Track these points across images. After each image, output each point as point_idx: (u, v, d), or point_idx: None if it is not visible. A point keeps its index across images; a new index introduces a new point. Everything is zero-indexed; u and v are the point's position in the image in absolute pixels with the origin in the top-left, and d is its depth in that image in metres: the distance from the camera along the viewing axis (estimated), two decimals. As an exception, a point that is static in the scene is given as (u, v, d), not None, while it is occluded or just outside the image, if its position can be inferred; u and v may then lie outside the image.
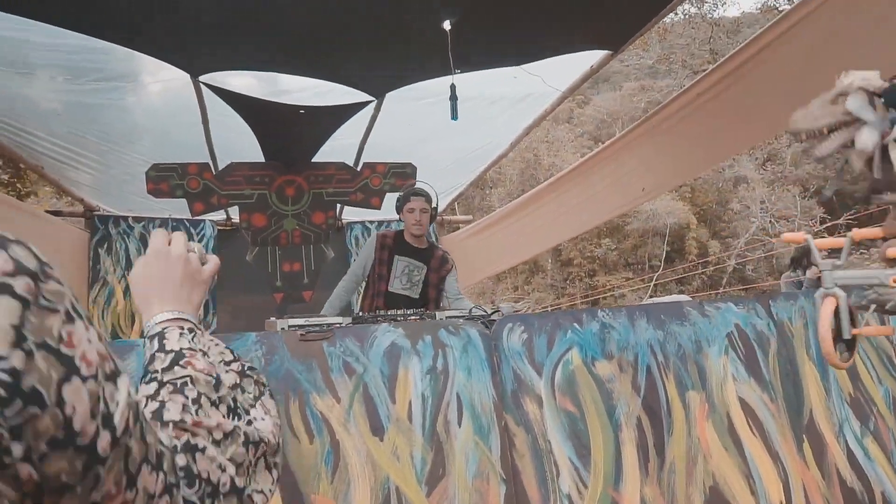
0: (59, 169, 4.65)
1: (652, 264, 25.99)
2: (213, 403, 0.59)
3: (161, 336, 0.64)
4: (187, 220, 5.73)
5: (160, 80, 3.96)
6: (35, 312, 0.35)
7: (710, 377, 1.39)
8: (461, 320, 1.23)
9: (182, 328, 0.66)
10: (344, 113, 4.33)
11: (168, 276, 0.71)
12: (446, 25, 3.25)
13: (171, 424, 0.54)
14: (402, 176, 5.24)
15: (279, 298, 5.16)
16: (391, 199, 5.34)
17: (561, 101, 4.57)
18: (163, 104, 4.31)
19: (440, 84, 3.68)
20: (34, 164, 4.53)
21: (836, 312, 0.84)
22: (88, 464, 0.38)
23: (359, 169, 5.17)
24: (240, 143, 4.60)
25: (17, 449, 0.34)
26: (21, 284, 0.35)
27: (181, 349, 0.62)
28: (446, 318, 1.48)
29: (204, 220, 5.81)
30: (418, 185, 3.63)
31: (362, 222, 6.58)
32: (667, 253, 25.74)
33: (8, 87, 3.74)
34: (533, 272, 28.88)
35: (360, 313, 2.59)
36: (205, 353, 0.64)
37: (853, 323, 0.86)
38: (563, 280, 27.19)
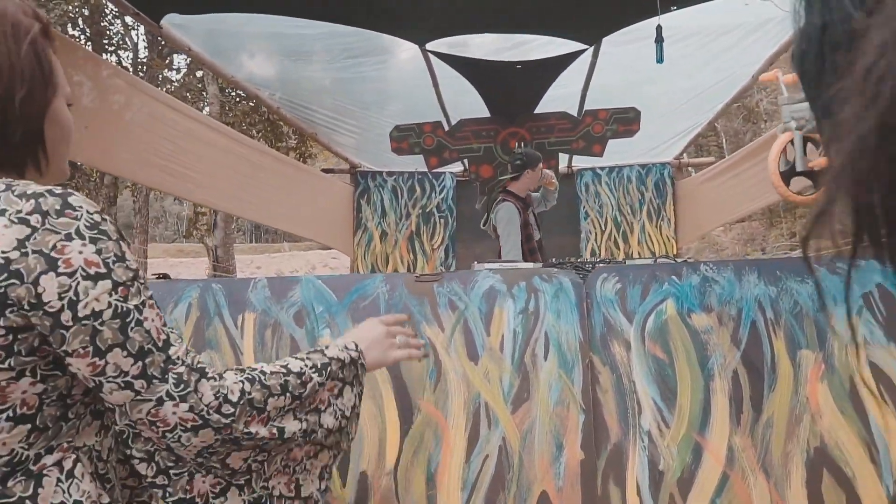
0: (328, 134, 5.62)
1: None
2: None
3: (330, 353, 0.98)
4: (430, 172, 6.41)
5: (399, 53, 4.52)
6: (40, 233, 0.69)
7: (831, 337, 1.33)
8: (555, 269, 1.40)
9: (343, 361, 0.98)
10: (560, 64, 4.43)
11: (368, 335, 1.07)
12: None
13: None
14: (624, 121, 5.17)
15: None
16: (613, 144, 5.33)
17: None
18: (402, 73, 4.90)
19: (660, 21, 3.55)
20: (311, 133, 5.55)
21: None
22: (54, 325, 0.70)
23: (580, 117, 5.23)
24: (467, 101, 5.01)
25: (7, 300, 0.68)
26: (34, 218, 0.70)
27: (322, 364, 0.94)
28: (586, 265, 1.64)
29: (445, 173, 6.43)
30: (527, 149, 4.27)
31: (592, 169, 6.58)
32: None
33: (288, 70, 4.67)
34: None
35: (553, 260, 2.98)
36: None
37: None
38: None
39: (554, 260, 2.77)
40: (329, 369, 0.93)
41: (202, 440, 0.76)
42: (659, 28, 3.46)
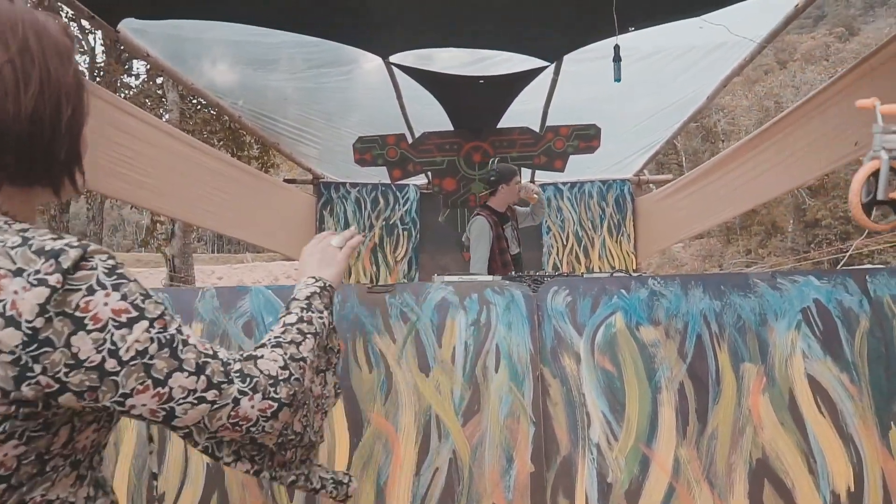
0: (291, 144, 5.58)
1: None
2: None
3: (301, 295, 1.03)
4: (394, 185, 6.43)
5: (362, 64, 4.52)
6: (60, 293, 0.68)
7: (772, 351, 1.37)
8: (507, 282, 1.41)
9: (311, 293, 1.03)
10: (522, 80, 4.49)
11: (314, 256, 1.15)
12: None
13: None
14: (585, 138, 5.27)
15: (467, 257, 5.60)
16: (575, 161, 5.42)
17: (762, 49, 4.14)
18: (366, 84, 4.90)
19: (620, 41, 3.62)
20: (273, 142, 5.49)
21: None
22: (100, 376, 0.69)
23: (542, 132, 5.30)
24: (431, 114, 5.03)
25: (37, 368, 0.66)
26: (54, 279, 0.68)
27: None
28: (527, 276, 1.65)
29: (408, 185, 6.46)
30: (503, 163, 4.24)
31: (555, 184, 6.69)
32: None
33: (251, 79, 4.62)
34: (770, 233, 25.92)
35: (514, 273, 3.00)
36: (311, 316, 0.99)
37: None
38: (806, 243, 23.99)
39: (513, 273, 2.79)
40: (313, 304, 1.00)
41: (282, 421, 0.80)
42: (616, 48, 3.54)
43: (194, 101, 8.16)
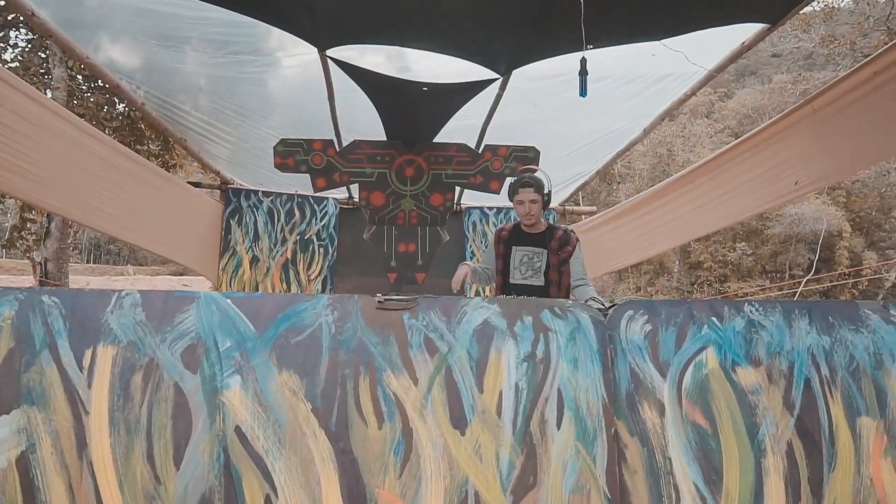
0: (200, 142, 4.94)
1: (793, 273, 23.83)
2: None
3: None
4: (312, 196, 5.94)
5: (293, 54, 4.07)
6: None
7: (892, 402, 1.07)
8: (570, 302, 1.02)
9: None
10: (468, 91, 4.21)
11: None
12: None
13: None
14: (523, 160, 5.07)
15: (393, 279, 5.18)
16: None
17: (704, 84, 4.15)
18: (294, 79, 4.45)
19: (570, 62, 3.44)
20: (179, 138, 4.83)
21: None
22: None
23: (480, 151, 5.06)
24: (363, 121, 4.66)
25: None
26: None
27: None
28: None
29: (327, 198, 6.00)
30: (528, 173, 3.39)
31: (480, 207, 6.51)
32: (812, 262, 23.43)
33: (159, 60, 3.99)
34: (658, 273, 27.40)
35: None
36: None
37: None
38: (689, 284, 25.54)
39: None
40: None
41: None
42: (584, 60, 3.35)
43: (85, 82, 7.08)
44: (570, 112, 4.86)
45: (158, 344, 0.92)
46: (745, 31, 3.45)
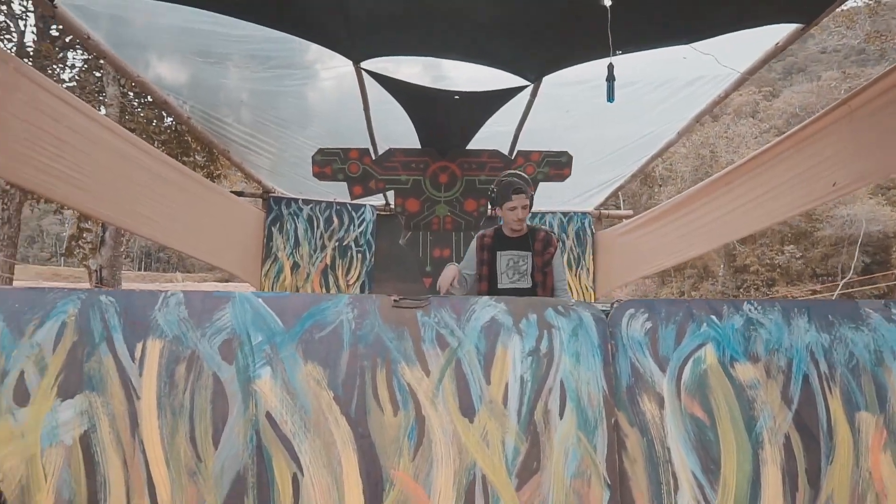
0: (243, 153, 5.15)
1: (845, 276, 23.00)
2: None
3: None
4: (350, 203, 6.08)
5: (330, 67, 4.20)
6: None
7: (892, 398, 1.11)
8: (573, 301, 1.10)
9: None
10: (499, 98, 4.28)
11: None
12: (607, 1, 3.04)
13: None
14: (556, 165, 5.11)
15: (428, 283, 5.27)
16: (544, 188, 5.24)
17: (738, 86, 4.11)
18: (331, 91, 4.58)
19: (600, 68, 3.46)
20: (223, 149, 5.05)
21: None
22: None
23: (513, 157, 5.12)
24: (398, 130, 4.76)
25: None
26: None
27: None
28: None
29: (365, 205, 6.13)
30: (514, 178, 3.43)
31: (516, 212, 6.50)
32: (865, 265, 22.58)
33: (204, 76, 4.20)
34: (702, 277, 26.82)
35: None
36: None
37: None
38: (735, 288, 24.92)
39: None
40: None
41: None
42: (611, 66, 3.38)
43: (136, 99, 7.47)
44: (602, 117, 4.86)
45: (199, 338, 1.04)
46: (778, 32, 3.35)
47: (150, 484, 0.99)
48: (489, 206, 3.56)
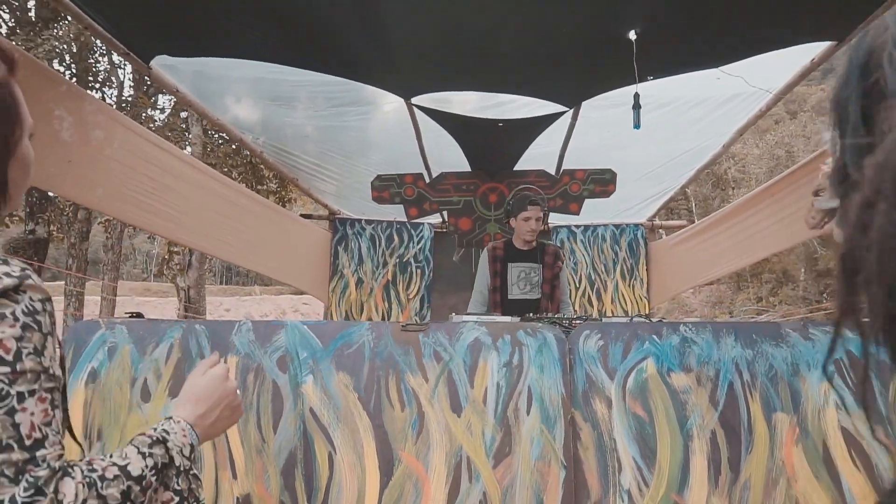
0: (309, 180, 5.65)
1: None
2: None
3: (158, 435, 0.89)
4: (409, 223, 6.47)
5: (385, 104, 4.61)
6: None
7: (805, 402, 1.37)
8: (539, 325, 1.43)
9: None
10: (540, 124, 4.55)
11: (208, 402, 0.99)
12: (631, 35, 3.24)
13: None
14: (601, 182, 5.32)
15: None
16: (589, 203, 5.45)
17: (777, 101, 4.17)
18: (387, 124, 4.97)
19: (638, 89, 3.61)
20: (292, 178, 5.57)
21: None
22: None
23: (558, 175, 5.36)
24: (449, 154, 5.09)
25: None
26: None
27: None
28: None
29: (423, 223, 6.51)
30: (529, 192, 3.50)
31: (568, 226, 6.71)
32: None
33: (274, 116, 4.72)
34: (781, 282, 25.75)
35: (531, 315, 2.77)
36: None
37: None
38: (818, 293, 23.80)
39: (531, 315, 2.74)
40: (168, 470, 0.87)
41: None
42: (636, 95, 3.58)
43: (216, 136, 8.33)
44: (641, 136, 5.01)
45: (262, 355, 1.45)
46: (811, 50, 3.30)
47: (231, 459, 1.41)
48: (505, 216, 3.72)
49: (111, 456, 0.81)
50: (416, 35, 3.24)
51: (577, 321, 1.62)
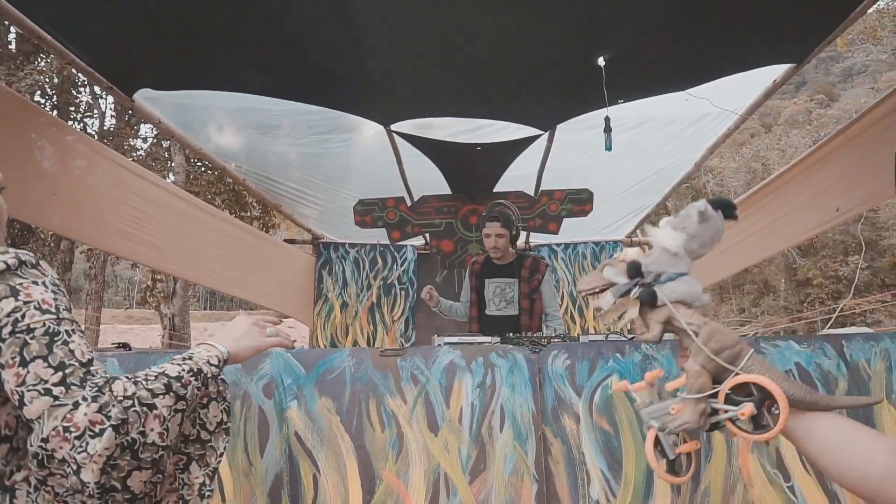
0: (292, 206, 5.72)
1: (917, 286, 21.91)
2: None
3: (200, 357, 1.05)
4: (392, 246, 6.55)
5: (364, 131, 4.70)
6: (11, 273, 0.85)
7: (759, 412, 1.47)
8: (510, 347, 1.52)
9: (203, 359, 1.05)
10: (517, 147, 4.68)
11: (234, 331, 1.17)
12: (601, 62, 3.37)
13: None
14: (578, 202, 5.46)
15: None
16: (570, 222, 5.57)
17: (743, 120, 4.34)
18: (368, 149, 5.06)
19: (609, 112, 3.70)
20: (275, 203, 5.64)
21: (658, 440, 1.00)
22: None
23: (537, 196, 5.49)
24: (429, 178, 5.19)
25: None
26: (12, 262, 0.85)
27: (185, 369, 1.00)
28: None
29: (406, 245, 6.58)
30: (497, 207, 3.53)
31: (549, 244, 6.82)
32: (940, 273, 21.50)
33: (256, 144, 4.80)
34: (762, 293, 26.13)
35: (511, 335, 2.84)
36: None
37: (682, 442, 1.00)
38: (798, 302, 24.18)
39: (511, 335, 2.82)
40: (202, 375, 1.01)
41: (105, 446, 0.79)
42: (607, 119, 3.71)
43: (199, 164, 8.41)
44: (617, 156, 5.13)
45: (249, 382, 1.53)
46: (773, 72, 3.46)
47: (220, 481, 1.47)
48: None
49: (157, 371, 0.95)
50: (394, 65, 3.35)
51: (556, 339, 1.71)
